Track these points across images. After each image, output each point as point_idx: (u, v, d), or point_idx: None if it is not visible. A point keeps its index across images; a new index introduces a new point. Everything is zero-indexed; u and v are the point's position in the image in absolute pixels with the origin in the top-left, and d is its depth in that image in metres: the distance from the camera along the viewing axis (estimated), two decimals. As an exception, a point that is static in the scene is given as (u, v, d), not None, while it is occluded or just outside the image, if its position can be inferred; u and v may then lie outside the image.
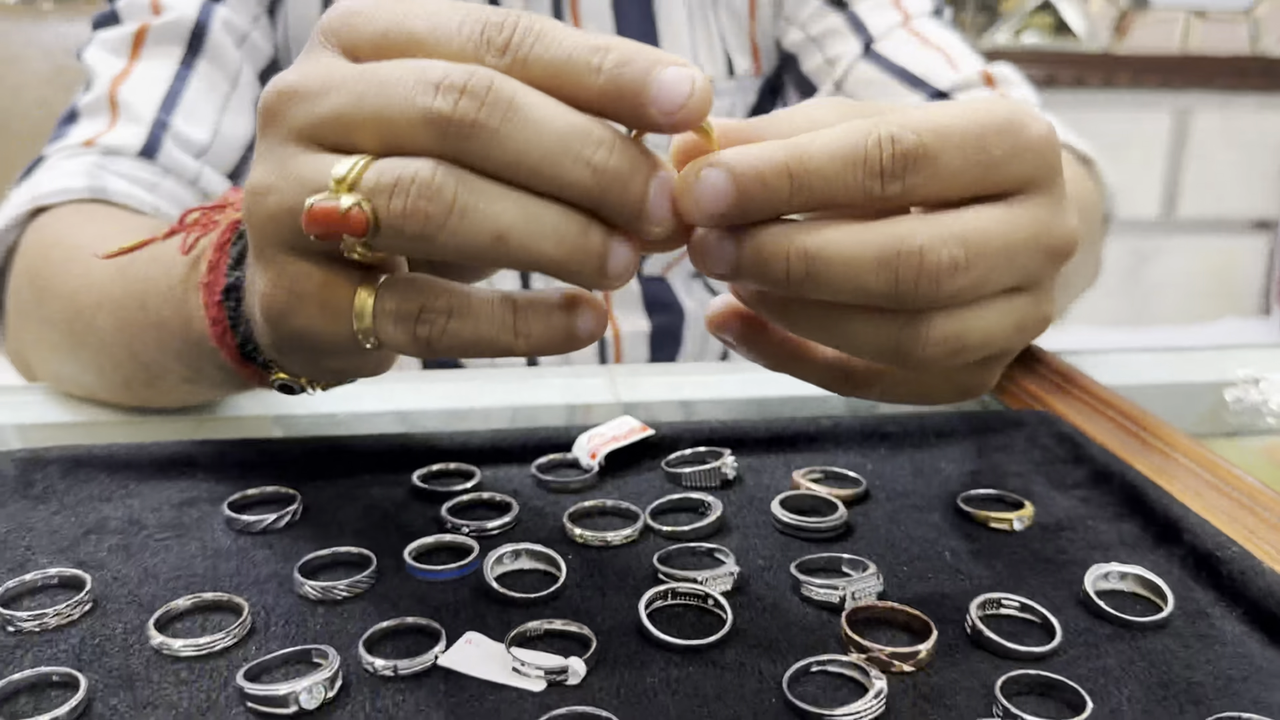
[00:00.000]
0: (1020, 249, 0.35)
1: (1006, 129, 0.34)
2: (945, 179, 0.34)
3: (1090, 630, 0.39)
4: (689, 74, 0.31)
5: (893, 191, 0.33)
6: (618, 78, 0.31)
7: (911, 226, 0.33)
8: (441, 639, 0.37)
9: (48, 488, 0.48)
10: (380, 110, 0.32)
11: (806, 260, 0.33)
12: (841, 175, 0.33)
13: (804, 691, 0.35)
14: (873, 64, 0.82)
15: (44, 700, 0.34)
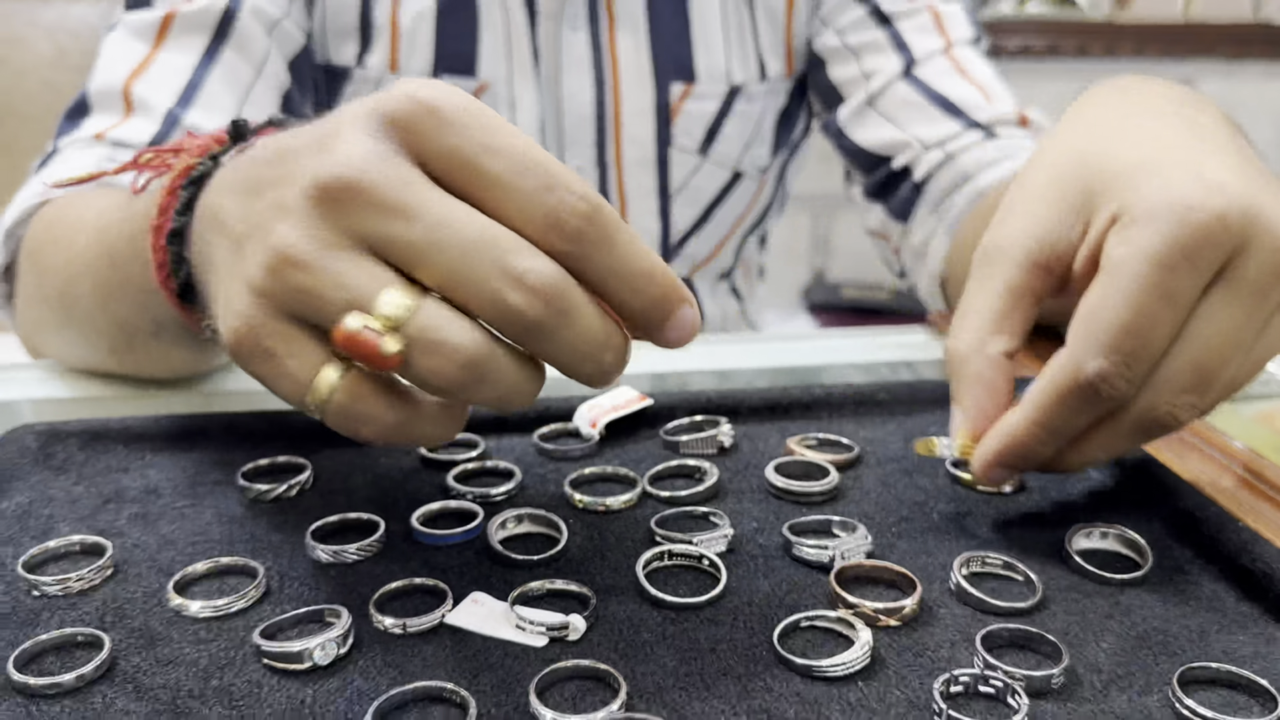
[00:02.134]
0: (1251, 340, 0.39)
1: (1198, 257, 0.38)
2: (1164, 346, 0.39)
3: (1072, 587, 0.41)
4: (695, 319, 0.37)
5: (1131, 392, 0.39)
6: (652, 307, 0.36)
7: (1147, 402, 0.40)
8: (448, 599, 0.38)
9: (67, 459, 0.50)
10: (455, 270, 0.33)
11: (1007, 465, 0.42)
12: (1077, 418, 0.41)
13: (794, 645, 0.37)
14: (912, 86, 0.83)
15: (69, 659, 0.36)
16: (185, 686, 0.35)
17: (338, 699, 0.34)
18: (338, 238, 0.34)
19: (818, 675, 0.35)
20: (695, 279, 0.95)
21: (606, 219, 0.34)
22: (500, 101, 0.84)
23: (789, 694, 0.34)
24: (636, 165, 0.88)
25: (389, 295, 0.33)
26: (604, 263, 0.35)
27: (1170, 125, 0.43)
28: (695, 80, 0.86)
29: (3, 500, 0.47)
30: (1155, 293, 0.37)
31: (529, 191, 0.34)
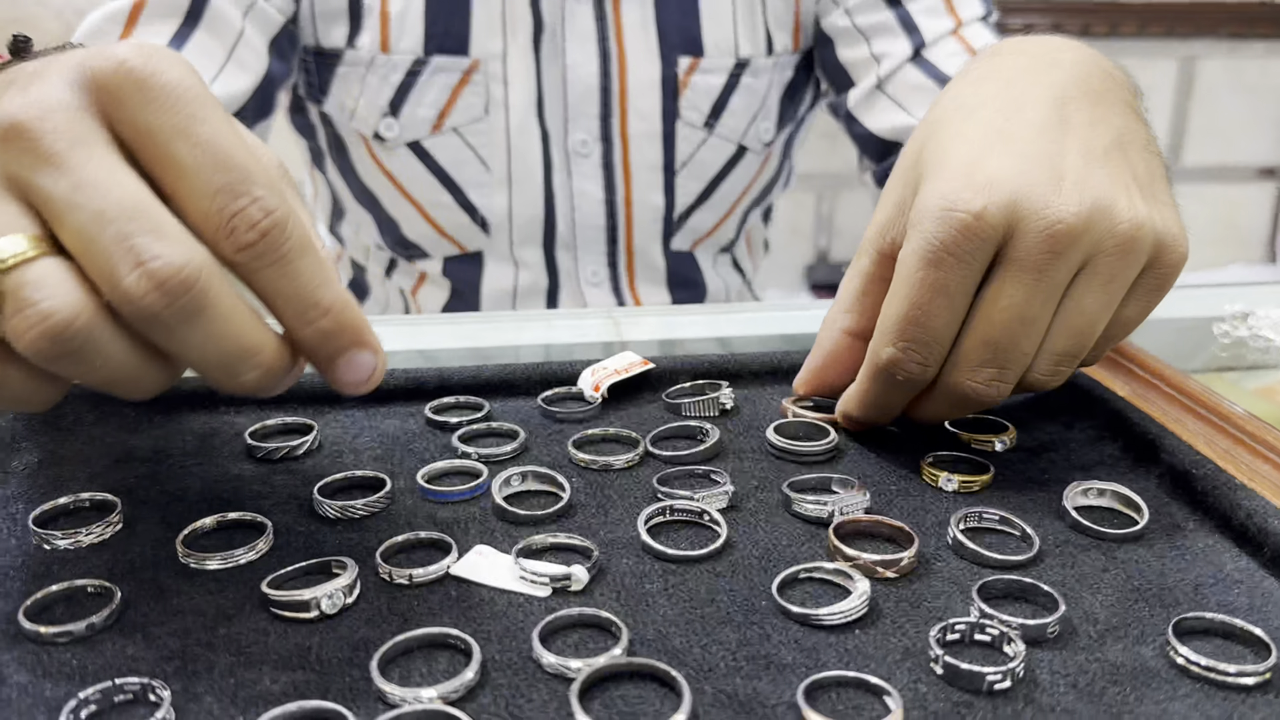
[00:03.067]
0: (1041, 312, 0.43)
1: (962, 251, 0.41)
2: (951, 331, 0.44)
3: (1068, 542, 0.41)
4: (373, 364, 0.36)
5: (931, 374, 0.45)
6: (321, 341, 0.35)
7: (950, 378, 0.44)
8: (453, 551, 0.39)
9: (76, 421, 0.51)
10: (84, 235, 0.32)
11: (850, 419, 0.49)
12: (896, 396, 0.47)
13: (793, 595, 0.37)
14: (921, 70, 0.83)
15: (80, 609, 0.37)
16: (194, 634, 0.35)
17: (344, 645, 0.35)
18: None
19: (816, 624, 0.35)
20: (697, 252, 0.95)
21: (288, 240, 0.33)
22: (492, 79, 0.84)
23: (788, 641, 0.35)
24: (642, 139, 0.88)
25: (8, 239, 0.32)
26: (273, 284, 0.34)
27: (998, 112, 0.46)
28: (703, 54, 0.86)
29: (13, 460, 0.47)
30: (926, 286, 0.42)
31: (211, 190, 0.33)
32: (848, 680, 0.33)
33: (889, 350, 0.44)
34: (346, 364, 0.36)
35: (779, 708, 0.32)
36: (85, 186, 0.32)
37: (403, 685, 0.32)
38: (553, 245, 0.91)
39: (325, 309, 0.34)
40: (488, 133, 0.86)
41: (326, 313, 0.35)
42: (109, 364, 0.33)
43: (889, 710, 0.31)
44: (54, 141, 0.32)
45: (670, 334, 0.64)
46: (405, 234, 0.91)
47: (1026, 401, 0.53)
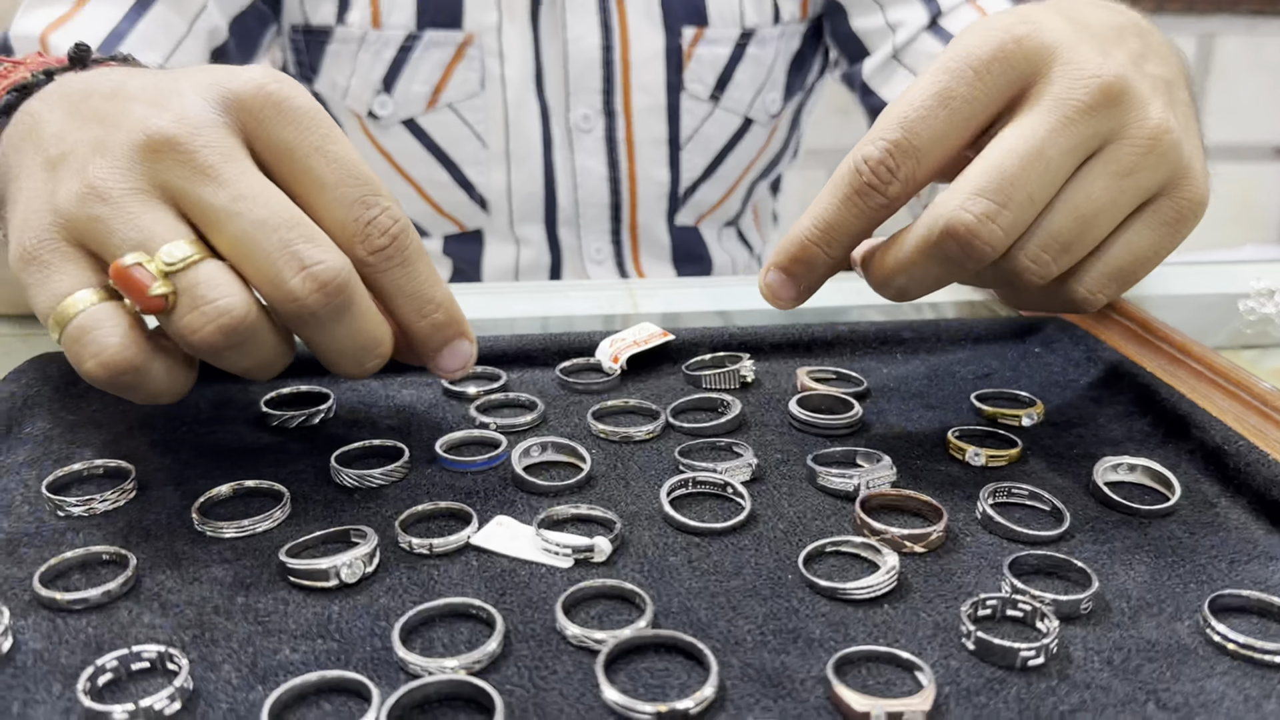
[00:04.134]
0: (1050, 153, 0.38)
1: (981, 68, 0.39)
2: (937, 152, 0.39)
3: (1099, 518, 0.40)
4: (469, 353, 0.42)
5: (896, 192, 0.40)
6: (433, 332, 0.40)
7: (934, 210, 0.39)
8: (473, 521, 0.38)
9: (89, 387, 0.50)
10: (245, 241, 0.35)
11: (895, 287, 0.42)
12: (849, 213, 0.40)
13: (819, 569, 0.36)
14: (938, 39, 0.81)
15: (95, 576, 0.36)
16: (211, 603, 0.35)
17: (364, 615, 0.34)
18: (148, 186, 0.36)
19: (844, 598, 0.35)
20: (701, 227, 0.94)
21: (410, 244, 0.38)
22: (488, 53, 0.83)
23: (815, 615, 0.34)
24: (646, 113, 0.86)
25: (174, 245, 0.35)
26: (397, 282, 0.39)
27: (1059, 11, 0.44)
28: (707, 24, 0.84)
29: (26, 426, 0.46)
30: (934, 93, 0.40)
31: (348, 201, 0.37)
32: (878, 655, 0.32)
33: (865, 149, 0.40)
34: (450, 352, 0.41)
35: (808, 682, 0.31)
36: (245, 198, 0.35)
37: (425, 656, 0.31)
38: (554, 222, 0.89)
39: (438, 304, 0.40)
40: (484, 108, 0.84)
41: (439, 307, 0.40)
42: (259, 354, 0.37)
43: (921, 685, 0.31)
44: (208, 155, 0.36)
45: (683, 306, 0.63)
46: None
47: (1053, 377, 0.52)
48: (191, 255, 0.35)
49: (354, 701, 0.30)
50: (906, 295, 0.42)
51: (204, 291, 0.35)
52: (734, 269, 0.98)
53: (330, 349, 0.38)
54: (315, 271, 0.35)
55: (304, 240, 0.35)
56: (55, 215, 0.37)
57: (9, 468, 0.43)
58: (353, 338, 0.38)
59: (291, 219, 0.36)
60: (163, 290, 0.35)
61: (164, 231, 0.35)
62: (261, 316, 0.36)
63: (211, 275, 0.35)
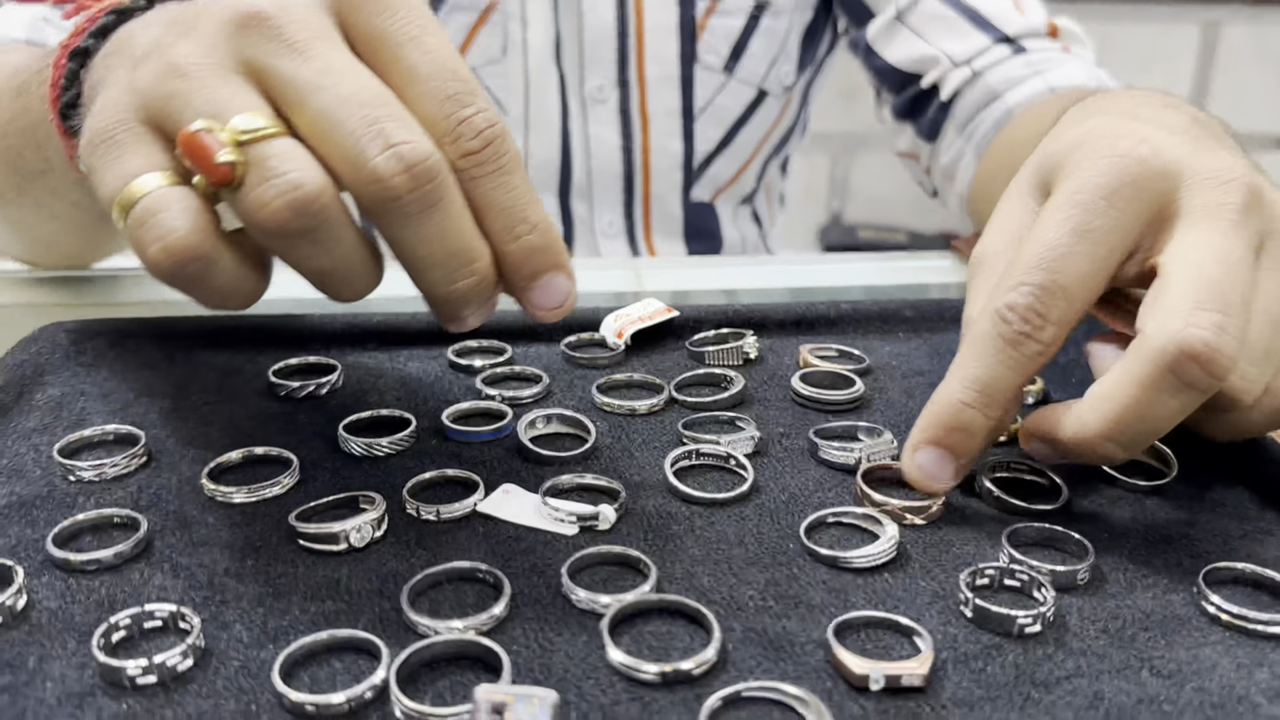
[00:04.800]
0: (1235, 265, 0.36)
1: (1116, 195, 0.37)
2: (1085, 290, 0.37)
3: (1097, 492, 0.41)
4: (569, 289, 0.36)
5: (1050, 337, 0.37)
6: (526, 258, 0.35)
7: (1158, 334, 0.35)
8: (480, 489, 0.39)
9: (98, 356, 0.50)
10: (328, 118, 0.33)
11: (1125, 440, 0.36)
12: (1002, 367, 0.37)
13: (820, 538, 0.37)
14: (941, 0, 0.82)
15: (107, 538, 0.37)
16: (222, 565, 0.35)
17: (372, 577, 0.34)
18: (230, 61, 0.34)
19: (844, 566, 0.35)
20: (717, 203, 0.94)
21: (506, 152, 0.34)
22: (511, 19, 0.83)
23: (815, 582, 0.35)
24: (660, 84, 0.87)
25: (249, 115, 0.33)
26: (490, 193, 0.34)
27: (1136, 109, 0.44)
28: None
29: (36, 392, 0.47)
30: (1069, 226, 0.37)
31: (442, 96, 0.34)
32: (877, 621, 0.33)
33: (1006, 297, 0.37)
34: (544, 288, 0.36)
35: (808, 645, 0.32)
36: (331, 72, 0.33)
37: (433, 617, 0.32)
38: (568, 194, 0.90)
39: (533, 224, 0.35)
40: (505, 75, 0.85)
41: (534, 228, 0.35)
42: (335, 251, 0.34)
43: (919, 650, 0.31)
44: (297, 30, 0.34)
45: (689, 285, 0.64)
46: None
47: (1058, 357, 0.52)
48: (266, 127, 0.32)
49: (364, 659, 0.31)
50: (1138, 446, 0.37)
51: (275, 164, 0.32)
52: (744, 248, 0.98)
53: (418, 253, 0.34)
54: (402, 151, 0.32)
55: (392, 119, 0.32)
56: (131, 94, 0.35)
57: (21, 433, 0.44)
58: (443, 240, 0.34)
59: (379, 97, 0.33)
60: (230, 158, 0.32)
61: (241, 104, 0.33)
62: (337, 202, 0.33)
63: (286, 149, 0.32)
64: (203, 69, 0.34)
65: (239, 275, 0.35)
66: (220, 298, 0.35)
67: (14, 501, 0.39)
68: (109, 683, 0.30)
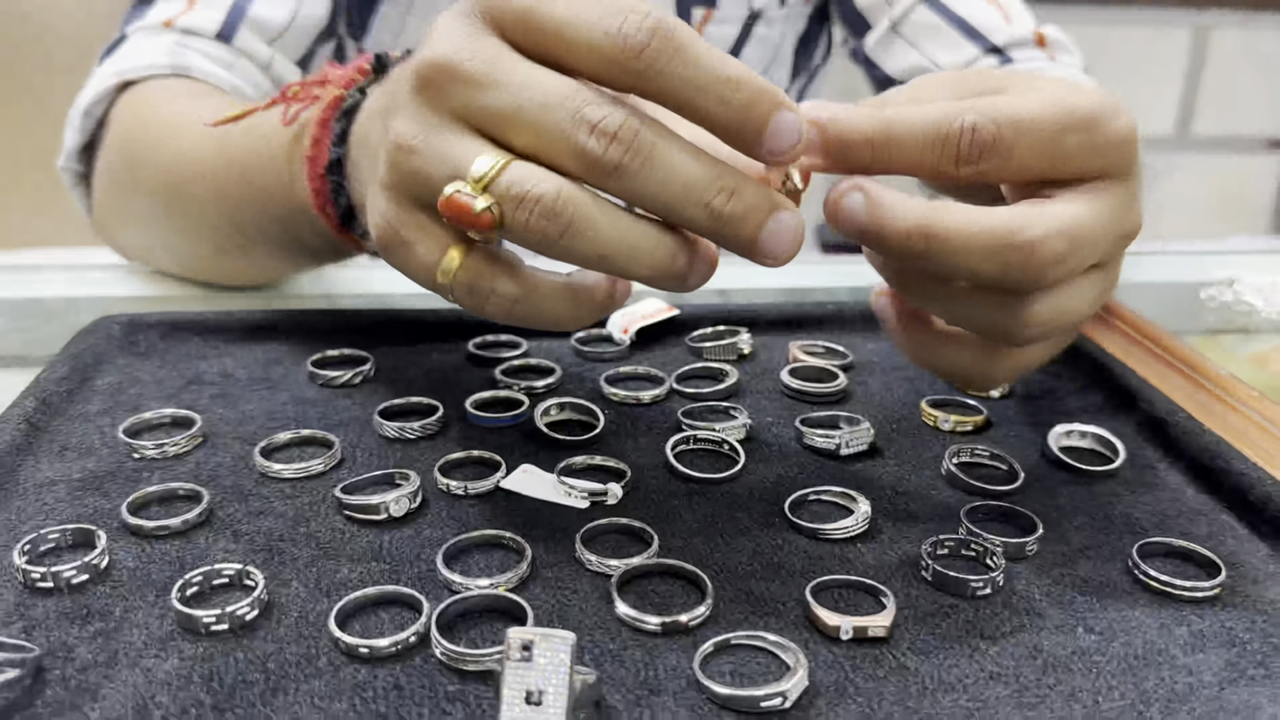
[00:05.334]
0: (1103, 236, 0.40)
1: (1087, 125, 0.39)
2: (1016, 168, 0.39)
3: (1049, 476, 0.46)
4: (798, 124, 0.35)
5: (966, 173, 0.38)
6: (743, 117, 0.35)
7: (1024, 219, 0.37)
8: (502, 468, 0.44)
9: (150, 347, 0.55)
10: (537, 128, 0.35)
11: (926, 238, 0.37)
12: (921, 153, 0.38)
13: (802, 514, 0.42)
14: (933, 10, 0.85)
15: (174, 508, 0.42)
16: (277, 532, 0.40)
17: (410, 543, 0.39)
18: (439, 117, 0.37)
19: (823, 537, 0.40)
20: None
21: (674, 30, 0.34)
22: None
23: (797, 551, 0.40)
24: None
25: (478, 160, 0.35)
26: (681, 75, 0.34)
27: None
28: (716, 4, 0.88)
29: (97, 379, 0.52)
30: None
31: (592, 23, 0.35)
32: (849, 583, 0.38)
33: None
34: (775, 131, 0.35)
35: (789, 604, 0.37)
36: (523, 89, 0.35)
37: (465, 576, 0.37)
38: None
39: (737, 82, 0.35)
40: None
41: (739, 85, 0.35)
42: (603, 236, 0.36)
43: (884, 607, 0.36)
44: (474, 65, 0.36)
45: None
46: None
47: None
48: (496, 162, 0.35)
49: (407, 611, 0.36)
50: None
51: (520, 189, 0.35)
52: None
53: (661, 199, 0.35)
54: (604, 126, 0.34)
55: (586, 104, 0.35)
56: (385, 190, 0.39)
57: (86, 415, 0.49)
58: (677, 177, 0.35)
59: (567, 90, 0.35)
60: (485, 204, 0.35)
61: (468, 152, 0.36)
62: (580, 190, 0.35)
63: (521, 171, 0.35)
64: (423, 138, 0.37)
65: (559, 301, 0.39)
66: (558, 325, 0.40)
67: (87, 476, 0.44)
68: (186, 630, 0.35)
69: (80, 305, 0.63)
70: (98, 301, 0.64)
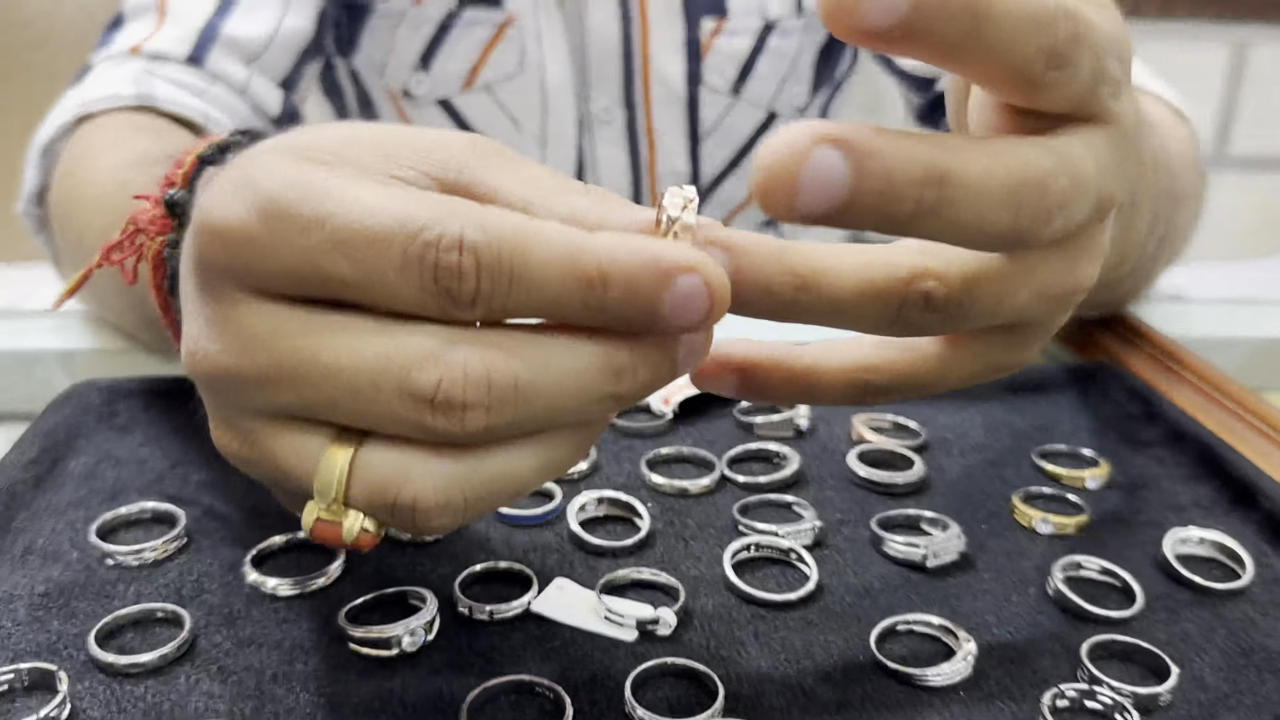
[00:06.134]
0: (1097, 181, 0.29)
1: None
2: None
3: (1169, 595, 0.39)
4: (700, 284, 0.26)
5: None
6: (626, 314, 0.26)
7: (1034, 153, 0.27)
8: (533, 585, 0.37)
9: (132, 419, 0.49)
10: (363, 417, 0.27)
11: (940, 185, 0.25)
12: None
13: (892, 649, 0.36)
14: None
15: (150, 635, 0.36)
16: (269, 669, 0.34)
17: (426, 687, 0.33)
18: (239, 417, 0.29)
19: (919, 684, 0.34)
20: (735, 223, 0.93)
21: (497, 251, 0.25)
22: (527, 35, 0.82)
23: (891, 700, 0.33)
24: (665, 104, 0.85)
25: (319, 471, 0.27)
26: (526, 302, 0.26)
27: None
28: (727, 15, 0.83)
29: (69, 460, 0.46)
30: None
31: (389, 272, 0.25)
32: (958, 752, 0.31)
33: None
34: (672, 310, 0.26)
35: (887, 780, 0.30)
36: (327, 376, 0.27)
37: (494, 742, 0.31)
38: None
39: (598, 279, 0.25)
40: (520, 91, 0.84)
41: (605, 282, 0.25)
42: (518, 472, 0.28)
43: (1006, 790, 0.30)
44: (253, 364, 0.28)
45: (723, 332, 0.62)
46: None
47: (1112, 432, 0.51)
48: (338, 469, 0.27)
49: (425, 793, 0.29)
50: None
51: (382, 498, 0.27)
52: None
53: (554, 422, 0.28)
54: (444, 394, 0.25)
55: (410, 368, 0.26)
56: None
57: (56, 508, 0.42)
58: (566, 396, 0.27)
59: (379, 357, 0.26)
60: (355, 525, 0.28)
61: (293, 459, 0.28)
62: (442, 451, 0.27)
63: (376, 472, 0.27)
64: (236, 447, 0.30)
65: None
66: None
67: (52, 589, 0.38)
68: (157, 809, 0.29)
69: (51, 359, 0.57)
70: (77, 356, 0.58)
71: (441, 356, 0.26)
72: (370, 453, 0.27)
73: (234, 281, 0.27)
